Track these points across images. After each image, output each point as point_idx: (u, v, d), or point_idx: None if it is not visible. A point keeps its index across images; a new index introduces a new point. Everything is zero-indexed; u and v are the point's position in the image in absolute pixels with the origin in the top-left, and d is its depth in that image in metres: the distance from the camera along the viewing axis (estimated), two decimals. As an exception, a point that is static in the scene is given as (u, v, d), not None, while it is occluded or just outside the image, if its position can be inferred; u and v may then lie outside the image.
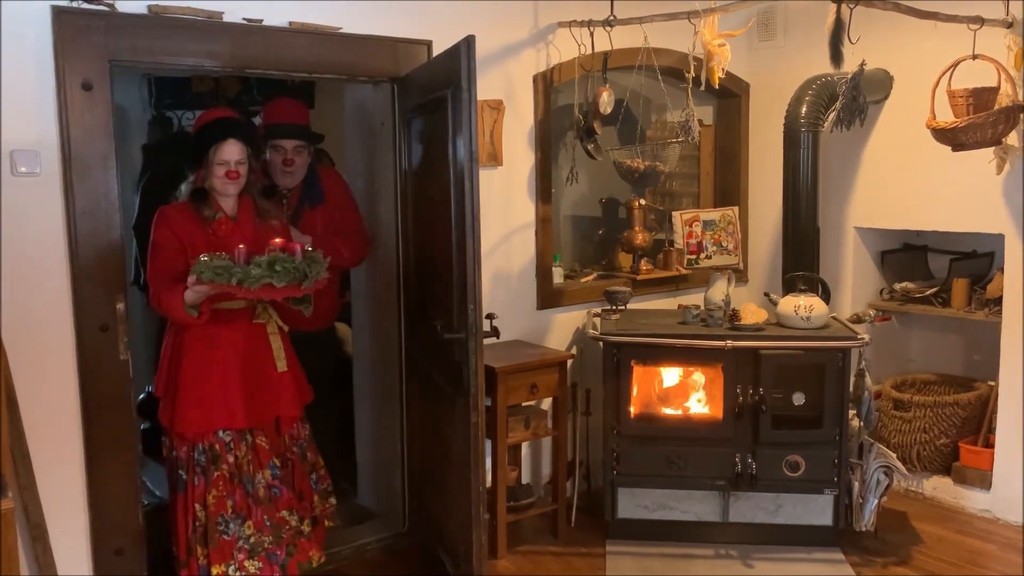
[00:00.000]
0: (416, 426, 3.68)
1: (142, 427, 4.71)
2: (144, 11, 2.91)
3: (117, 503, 3.01)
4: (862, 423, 3.72)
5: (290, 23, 3.21)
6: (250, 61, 3.14)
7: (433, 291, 3.30)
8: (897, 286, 4.46)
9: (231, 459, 2.98)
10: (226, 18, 3.06)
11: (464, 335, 2.93)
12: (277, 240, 2.83)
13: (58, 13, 2.74)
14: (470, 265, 2.86)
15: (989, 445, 4.07)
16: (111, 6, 2.83)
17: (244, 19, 3.10)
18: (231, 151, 2.94)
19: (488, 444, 3.68)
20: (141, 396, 4.84)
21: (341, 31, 3.32)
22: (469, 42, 2.82)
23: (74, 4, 2.77)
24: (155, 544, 3.18)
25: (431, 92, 3.14)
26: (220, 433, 2.98)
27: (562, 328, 4.10)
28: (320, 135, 3.80)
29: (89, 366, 2.90)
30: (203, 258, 2.76)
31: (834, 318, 3.89)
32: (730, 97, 4.76)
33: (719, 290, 3.95)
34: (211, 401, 2.96)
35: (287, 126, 3.58)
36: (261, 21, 3.13)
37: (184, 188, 3.04)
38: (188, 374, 2.97)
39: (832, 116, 3.64)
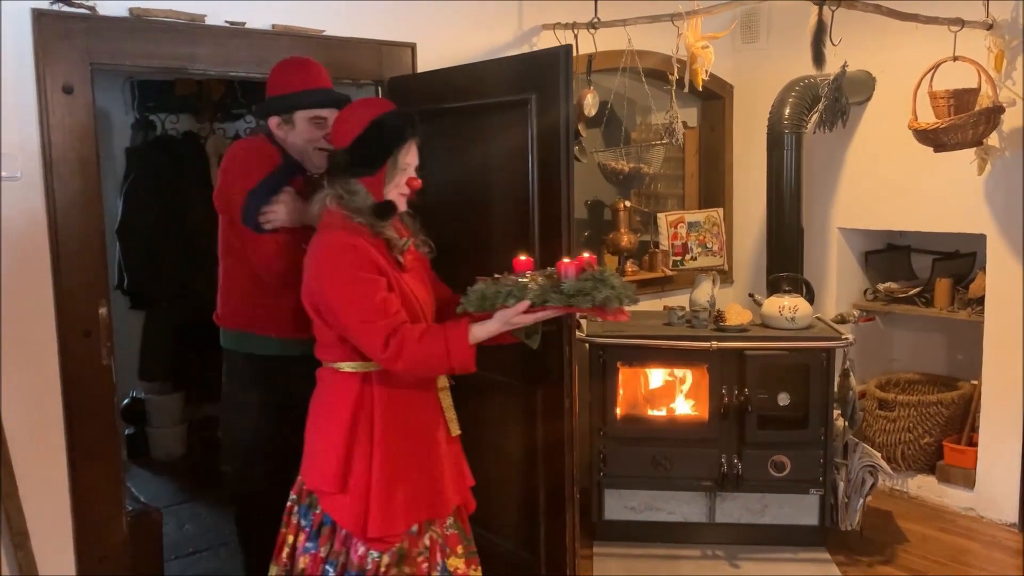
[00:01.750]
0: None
1: (126, 432, 4.71)
2: (125, 14, 2.89)
3: (101, 509, 2.98)
4: (847, 423, 3.74)
5: (273, 26, 3.20)
6: (233, 64, 3.12)
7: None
8: (881, 286, 4.49)
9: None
10: (208, 21, 3.04)
11: (557, 327, 2.83)
12: (585, 254, 2.26)
13: (38, 16, 2.72)
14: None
15: (972, 444, 4.10)
16: (92, 9, 2.80)
17: (227, 22, 3.09)
18: (414, 152, 2.35)
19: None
20: (125, 401, 4.83)
21: (324, 33, 3.31)
22: (567, 51, 2.83)
23: (54, 7, 2.75)
24: (140, 551, 3.16)
25: (473, 97, 3.05)
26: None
27: (548, 330, 4.10)
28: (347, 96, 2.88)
29: (72, 371, 2.87)
30: (521, 279, 2.21)
31: (818, 318, 3.91)
32: (714, 99, 4.78)
33: (704, 291, 3.96)
34: (425, 488, 2.37)
35: (324, 92, 2.77)
36: (244, 24, 3.12)
37: (352, 198, 2.28)
38: (410, 454, 2.35)
39: (815, 117, 3.66)
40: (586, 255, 2.26)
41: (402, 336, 2.17)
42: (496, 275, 2.28)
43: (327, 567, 2.31)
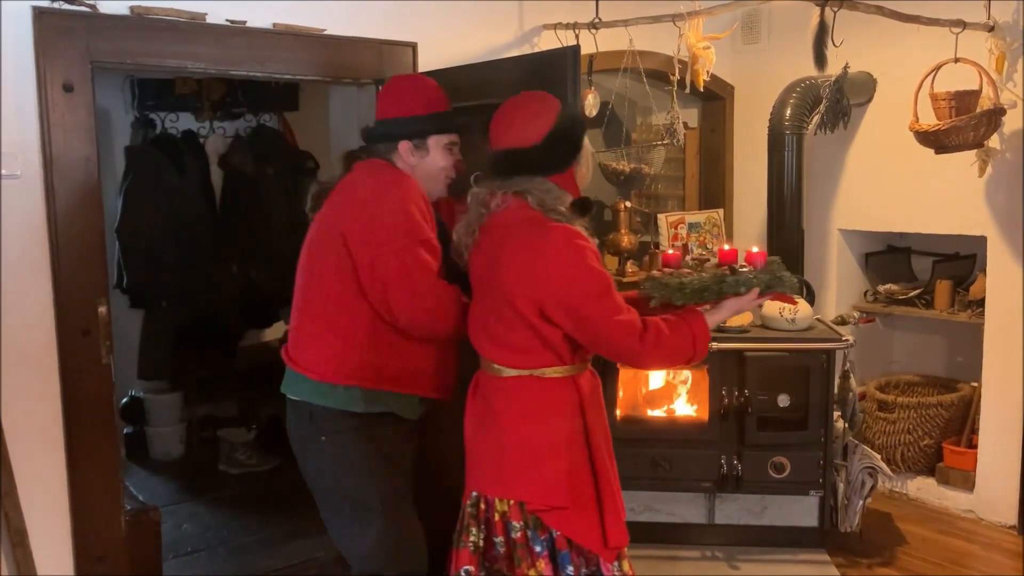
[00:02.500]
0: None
1: (125, 431, 4.70)
2: (126, 12, 2.88)
3: (99, 509, 2.97)
4: (847, 424, 3.74)
5: (274, 25, 3.19)
6: (233, 63, 3.12)
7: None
8: (881, 288, 4.48)
9: None
10: (209, 19, 3.04)
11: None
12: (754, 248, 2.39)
13: (39, 14, 2.72)
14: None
15: (972, 446, 4.09)
16: (92, 7, 2.80)
17: (227, 20, 3.08)
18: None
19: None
20: (124, 400, 4.83)
21: (325, 33, 3.31)
22: (575, 52, 2.80)
23: (55, 5, 2.74)
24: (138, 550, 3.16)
25: (479, 96, 2.91)
26: None
27: (548, 330, 4.09)
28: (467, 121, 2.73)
29: (71, 370, 2.87)
30: (741, 269, 2.30)
31: (819, 320, 3.91)
32: (715, 100, 4.78)
33: (704, 292, 3.95)
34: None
35: (454, 115, 2.61)
36: (245, 23, 3.11)
37: (548, 197, 2.22)
38: (609, 455, 2.32)
39: (816, 119, 3.66)
40: (754, 249, 2.39)
41: (656, 329, 2.16)
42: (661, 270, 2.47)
43: None
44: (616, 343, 2.17)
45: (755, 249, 2.38)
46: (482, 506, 2.30)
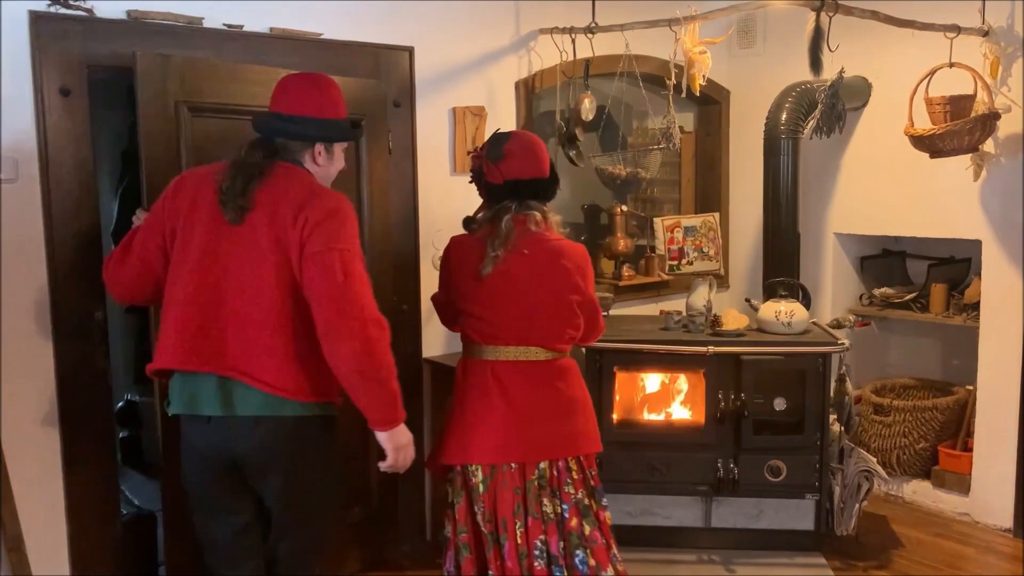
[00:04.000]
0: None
1: (121, 436, 4.69)
2: (123, 16, 2.88)
3: (96, 513, 2.97)
4: (843, 428, 3.74)
5: (271, 29, 3.20)
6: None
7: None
8: (876, 291, 4.50)
9: None
10: (206, 24, 3.04)
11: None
12: None
13: (36, 18, 2.71)
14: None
15: (968, 449, 4.10)
16: (89, 11, 2.80)
17: (224, 25, 3.08)
18: None
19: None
20: (119, 404, 4.81)
21: (322, 37, 3.31)
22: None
23: (52, 9, 2.74)
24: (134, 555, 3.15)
25: None
26: None
27: (544, 334, 4.09)
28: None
29: (67, 374, 2.87)
30: None
31: (814, 323, 3.92)
32: (711, 104, 4.79)
33: (701, 296, 3.96)
34: None
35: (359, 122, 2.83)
36: (241, 27, 3.11)
37: (550, 216, 2.80)
38: None
39: (812, 123, 3.67)
40: None
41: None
42: None
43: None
44: (601, 324, 2.95)
45: None
46: (553, 472, 2.73)
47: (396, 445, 2.38)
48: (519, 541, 2.69)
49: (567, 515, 2.74)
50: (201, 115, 2.93)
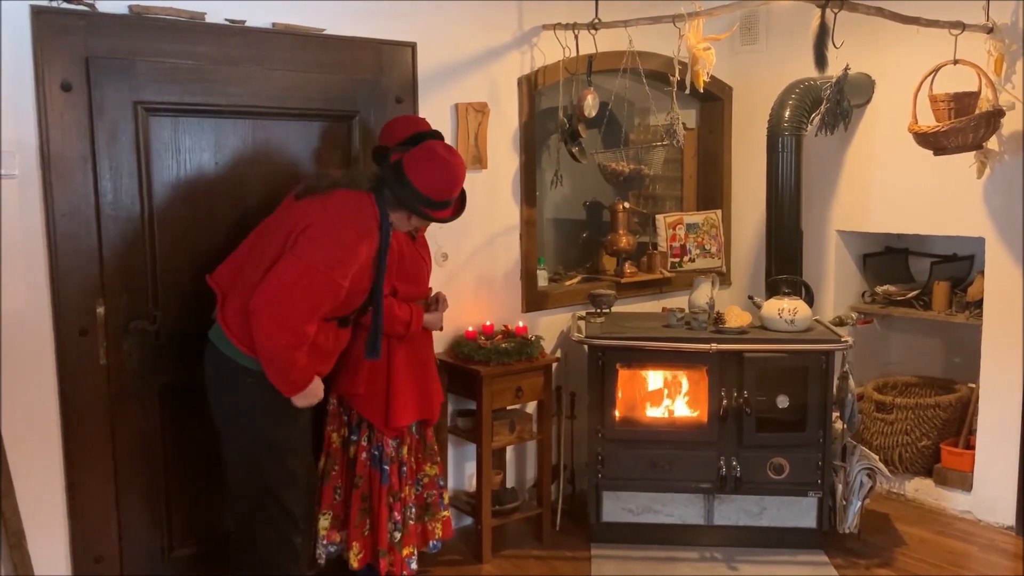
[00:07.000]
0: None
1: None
2: (125, 11, 2.87)
3: (96, 509, 2.97)
4: (845, 425, 3.74)
5: (273, 24, 3.18)
6: (232, 62, 3.10)
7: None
8: (879, 289, 4.49)
9: None
10: (208, 19, 3.03)
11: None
12: None
13: (37, 13, 2.70)
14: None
15: (970, 447, 4.10)
16: (91, 6, 2.79)
17: (227, 20, 3.07)
18: None
19: (473, 448, 3.68)
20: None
21: (325, 32, 3.30)
22: None
23: (53, 4, 2.73)
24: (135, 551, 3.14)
25: None
26: None
27: (547, 331, 4.09)
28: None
29: (68, 370, 2.86)
30: None
31: (817, 321, 3.91)
32: (713, 100, 4.78)
33: (703, 293, 3.96)
34: None
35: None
36: (244, 22, 3.10)
37: None
38: None
39: (816, 120, 3.66)
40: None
41: None
42: None
43: None
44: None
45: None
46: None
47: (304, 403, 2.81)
48: None
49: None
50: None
